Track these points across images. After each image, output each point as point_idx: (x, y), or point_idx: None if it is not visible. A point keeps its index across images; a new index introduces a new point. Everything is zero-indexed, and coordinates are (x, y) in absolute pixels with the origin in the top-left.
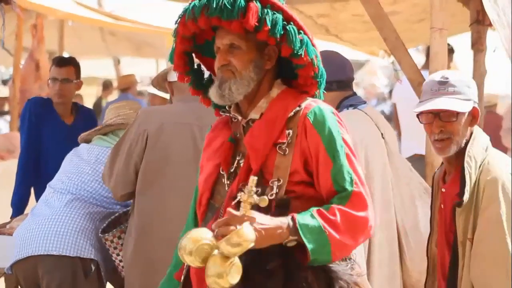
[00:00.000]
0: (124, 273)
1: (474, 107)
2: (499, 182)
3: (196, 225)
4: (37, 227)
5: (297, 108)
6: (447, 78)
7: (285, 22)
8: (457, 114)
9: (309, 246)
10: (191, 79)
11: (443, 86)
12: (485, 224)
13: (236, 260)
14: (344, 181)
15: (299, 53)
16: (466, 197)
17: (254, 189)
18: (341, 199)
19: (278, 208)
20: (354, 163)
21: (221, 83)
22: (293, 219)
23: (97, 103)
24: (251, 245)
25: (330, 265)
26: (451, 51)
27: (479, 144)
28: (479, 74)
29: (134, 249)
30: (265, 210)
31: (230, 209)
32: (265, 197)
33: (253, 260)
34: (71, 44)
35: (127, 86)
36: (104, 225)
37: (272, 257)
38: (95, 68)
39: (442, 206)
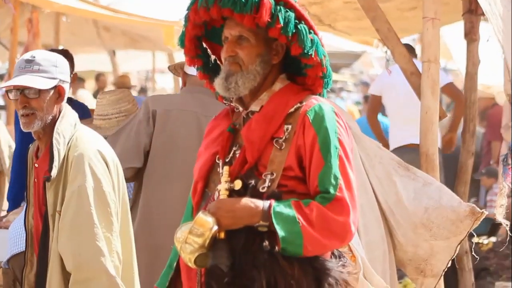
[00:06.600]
0: None
1: (59, 85)
2: (85, 156)
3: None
4: None
5: (298, 105)
6: (33, 57)
7: (296, 21)
8: (39, 91)
9: (280, 233)
10: (201, 63)
11: (29, 64)
12: (70, 196)
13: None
14: (329, 184)
15: (309, 53)
16: (54, 172)
17: (228, 178)
18: (323, 200)
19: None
20: (345, 166)
21: (228, 76)
22: (269, 205)
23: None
24: (214, 228)
25: (320, 260)
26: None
27: (67, 121)
28: (472, 63)
29: (135, 234)
30: None
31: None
32: (239, 180)
33: (242, 249)
34: (66, 39)
35: (126, 86)
36: None
37: (261, 251)
38: (91, 62)
39: (35, 180)
